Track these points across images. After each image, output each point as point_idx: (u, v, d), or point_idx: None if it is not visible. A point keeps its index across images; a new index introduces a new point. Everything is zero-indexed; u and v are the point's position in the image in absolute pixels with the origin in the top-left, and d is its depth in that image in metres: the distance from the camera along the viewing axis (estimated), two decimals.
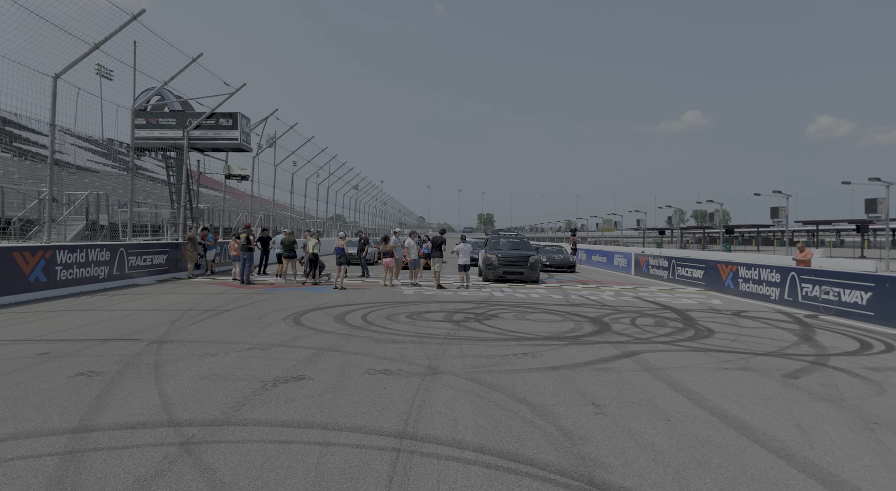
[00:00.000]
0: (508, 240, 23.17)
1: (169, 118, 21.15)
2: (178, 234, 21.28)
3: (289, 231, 19.57)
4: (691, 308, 14.26)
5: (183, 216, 21.12)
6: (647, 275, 25.48)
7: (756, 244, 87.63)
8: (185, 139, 20.92)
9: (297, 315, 11.54)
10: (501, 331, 10.22)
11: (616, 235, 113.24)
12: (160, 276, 18.81)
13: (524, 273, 20.87)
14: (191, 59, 17.77)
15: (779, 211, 41.22)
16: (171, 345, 8.26)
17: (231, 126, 21.39)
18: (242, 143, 21.82)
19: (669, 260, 23.33)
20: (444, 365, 7.39)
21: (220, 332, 9.44)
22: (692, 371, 7.36)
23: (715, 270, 19.22)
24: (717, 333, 10.54)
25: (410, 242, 18.99)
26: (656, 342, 9.42)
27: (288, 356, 7.69)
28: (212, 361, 7.26)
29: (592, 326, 11.05)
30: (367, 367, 7.20)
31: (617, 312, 13.28)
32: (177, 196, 21.49)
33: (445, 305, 13.74)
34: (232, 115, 21.48)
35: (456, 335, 9.65)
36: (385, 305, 13.48)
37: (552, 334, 9.96)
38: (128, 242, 17.18)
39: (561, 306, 14.10)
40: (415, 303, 14.14)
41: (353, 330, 9.95)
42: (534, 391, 6.23)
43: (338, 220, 65.26)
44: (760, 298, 16.20)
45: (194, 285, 17.43)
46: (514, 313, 12.59)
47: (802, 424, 5.37)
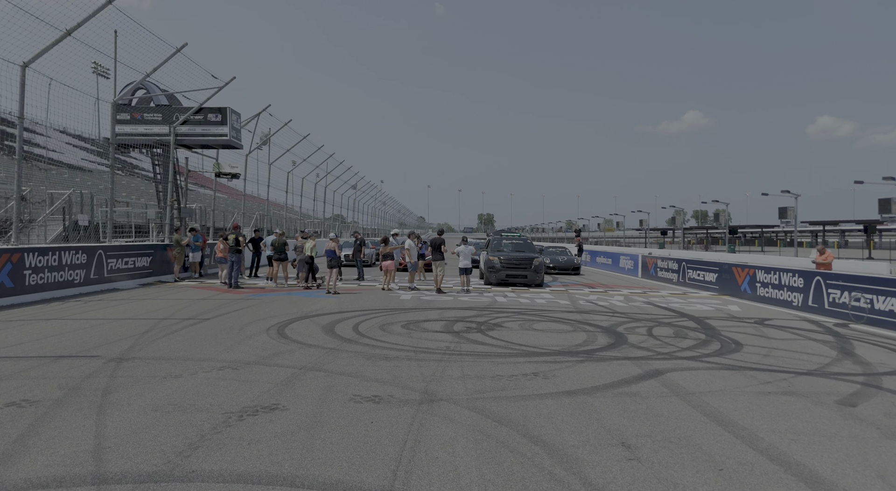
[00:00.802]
0: (511, 241, 22.16)
1: (155, 113, 20.13)
2: (164, 235, 20.26)
3: (279, 232, 18.56)
4: (709, 315, 13.25)
5: (170, 216, 20.10)
6: (656, 277, 24.47)
7: (759, 245, 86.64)
8: (171, 135, 19.91)
9: (283, 325, 10.52)
10: (507, 344, 9.20)
11: (617, 235, 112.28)
12: (144, 279, 17.80)
13: (528, 276, 19.85)
14: (174, 50, 16.75)
15: (787, 211, 40.20)
16: (132, 363, 7.24)
17: (220, 122, 20.37)
18: (232, 139, 20.80)
19: (679, 262, 22.31)
20: (443, 389, 6.37)
21: (192, 346, 8.42)
22: (730, 396, 6.34)
23: (730, 274, 18.20)
24: (746, 345, 9.52)
25: (410, 244, 18.00)
26: (680, 358, 8.41)
27: (263, 378, 6.68)
28: (173, 386, 6.24)
29: (606, 337, 10.03)
30: (354, 392, 6.18)
31: (630, 320, 12.27)
32: (163, 195, 20.46)
33: (445, 313, 12.72)
34: (221, 109, 20.45)
35: (456, 350, 8.63)
36: (380, 313, 12.47)
37: (563, 348, 8.94)
38: (107, 244, 16.16)
39: (569, 314, 13.08)
40: (412, 310, 13.13)
41: (341, 343, 8.93)
42: (550, 426, 5.22)
43: (338, 220, 64.25)
44: (781, 304, 15.18)
45: (178, 290, 16.41)
46: (520, 322, 11.57)
47: (886, 474, 4.35)
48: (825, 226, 61.31)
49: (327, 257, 16.61)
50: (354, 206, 65.37)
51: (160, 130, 20.03)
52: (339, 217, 67.19)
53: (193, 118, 20.27)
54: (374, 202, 78.22)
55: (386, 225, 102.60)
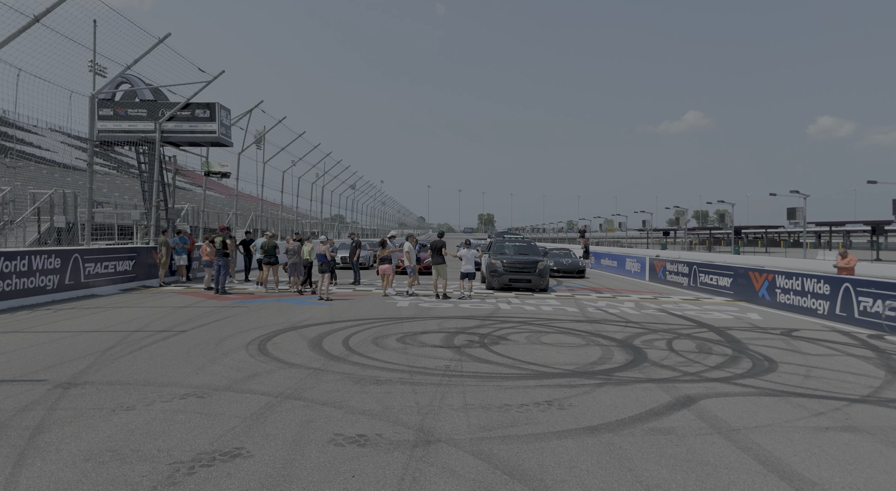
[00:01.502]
0: (514, 244, 21.17)
1: (139, 109, 19.13)
2: (149, 238, 19.28)
3: (270, 234, 17.56)
4: (730, 325, 12.26)
5: (155, 217, 19.10)
6: (664, 281, 23.47)
7: (762, 245, 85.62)
8: (157, 132, 18.91)
9: (266, 339, 9.53)
10: (513, 362, 8.21)
11: (618, 235, 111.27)
12: (126, 284, 16.81)
13: (532, 281, 18.87)
14: (157, 40, 15.75)
15: (796, 211, 39.23)
16: (81, 391, 6.25)
17: (208, 118, 19.37)
18: (221, 136, 19.79)
19: (690, 266, 21.31)
20: (442, 425, 5.38)
21: (158, 366, 7.43)
22: (783, 434, 5.35)
23: (746, 279, 17.20)
24: (780, 363, 8.53)
25: (408, 247, 17.00)
26: (711, 379, 7.42)
27: (231, 410, 5.69)
28: (120, 422, 5.25)
29: (624, 352, 9.04)
30: (336, 430, 5.19)
31: (646, 330, 11.27)
32: (149, 195, 19.45)
33: (445, 323, 11.73)
34: (209, 105, 19.45)
35: (457, 369, 7.65)
36: (374, 323, 11.48)
37: (578, 367, 7.95)
38: (84, 247, 15.17)
39: (579, 323, 12.09)
40: (409, 319, 12.14)
41: (328, 362, 7.94)
42: (573, 481, 4.23)
43: (337, 220, 63.23)
44: (805, 312, 14.18)
45: (161, 296, 15.42)
46: (527, 334, 10.58)
47: None
48: (832, 227, 60.27)
49: (318, 261, 15.62)
50: (353, 207, 64.39)
51: (145, 127, 19.02)
52: (340, 217, 66.20)
53: (180, 114, 19.27)
54: (374, 202, 77.25)
55: (385, 225, 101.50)
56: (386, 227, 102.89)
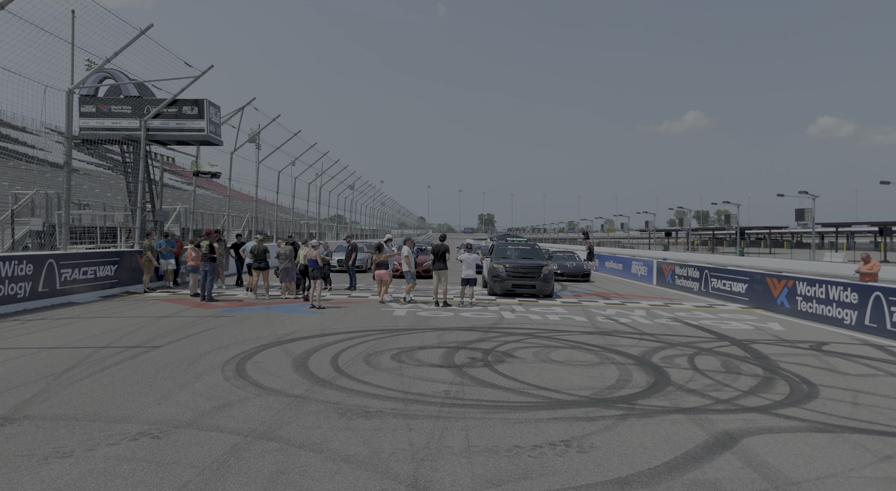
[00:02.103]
0: (517, 247, 20.25)
1: (124, 105, 18.20)
2: (133, 241, 18.35)
3: (260, 237, 16.64)
4: (753, 338, 11.34)
5: (140, 219, 18.17)
6: (673, 286, 22.55)
7: (766, 246, 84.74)
8: (142, 130, 17.97)
9: (246, 357, 8.61)
10: (522, 386, 7.29)
11: (619, 236, 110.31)
12: (108, 290, 15.89)
13: (536, 286, 17.95)
14: (138, 31, 14.82)
15: (805, 213, 38.31)
16: (17, 428, 5.33)
17: (196, 115, 18.43)
18: (210, 135, 18.85)
19: (701, 270, 20.39)
20: (441, 477, 4.46)
21: (116, 394, 6.51)
22: (854, 490, 4.43)
23: (763, 285, 16.28)
24: (819, 386, 7.61)
25: (406, 251, 16.07)
26: (748, 409, 6.50)
27: (189, 455, 4.77)
28: (49, 476, 4.33)
29: (643, 372, 8.13)
30: (309, 486, 4.27)
31: (663, 344, 10.36)
32: (134, 196, 18.53)
33: (445, 335, 10.81)
34: (197, 102, 18.50)
35: (459, 396, 6.72)
36: (368, 336, 10.56)
37: (594, 393, 7.03)
38: (60, 252, 14.24)
39: (590, 335, 11.17)
40: (406, 331, 11.22)
41: (312, 387, 7.02)
42: None
43: (336, 221, 62.30)
44: (830, 323, 13.27)
45: (143, 303, 14.50)
46: (534, 349, 9.66)
47: None
48: (838, 228, 59.37)
49: (310, 267, 14.70)
50: (352, 207, 63.50)
51: (130, 124, 18.08)
52: (339, 217, 65.27)
53: (167, 111, 18.33)
54: (373, 203, 76.31)
55: (385, 226, 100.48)
56: (386, 227, 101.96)
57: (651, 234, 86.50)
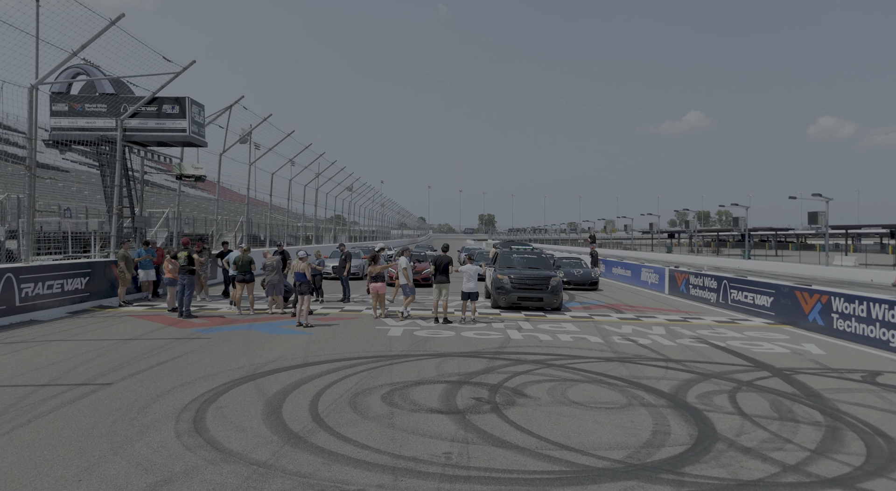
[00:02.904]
0: (523, 255, 18.92)
1: (98, 103, 16.86)
2: (108, 249, 17.03)
3: (244, 247, 15.32)
4: (794, 366, 10.01)
5: (116, 226, 16.83)
6: (687, 296, 21.20)
7: (771, 248, 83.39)
8: (118, 130, 16.64)
9: (210, 398, 7.28)
10: (539, 443, 5.96)
11: (621, 237, 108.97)
12: (78, 305, 14.58)
13: (544, 299, 16.63)
14: (108, 22, 13.48)
15: (818, 216, 36.99)
16: None
17: (178, 114, 17.08)
18: (193, 136, 17.50)
19: (720, 281, 19.04)
20: None
21: (29, 464, 5.17)
22: None
23: (791, 299, 14.94)
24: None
25: (404, 262, 14.74)
26: (826, 482, 5.18)
27: None
28: None
29: (681, 420, 6.80)
30: None
31: (695, 375, 9.03)
32: (109, 202, 17.20)
33: (445, 364, 9.49)
34: (179, 100, 17.16)
35: (463, 464, 5.40)
36: (357, 365, 9.24)
37: (628, 454, 5.70)
38: (20, 265, 12.91)
39: (609, 363, 9.85)
40: (401, 358, 9.89)
41: (281, 447, 5.70)
42: None
43: (336, 222, 60.95)
44: (873, 344, 11.94)
45: (113, 321, 13.18)
46: (549, 384, 8.34)
47: None
48: (848, 230, 58.02)
49: (296, 281, 13.38)
50: (350, 210, 62.20)
51: (105, 124, 16.75)
52: (339, 218, 63.92)
53: (146, 110, 16.99)
54: (372, 204, 74.92)
55: (385, 227, 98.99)
56: (385, 228, 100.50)
57: (653, 236, 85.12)
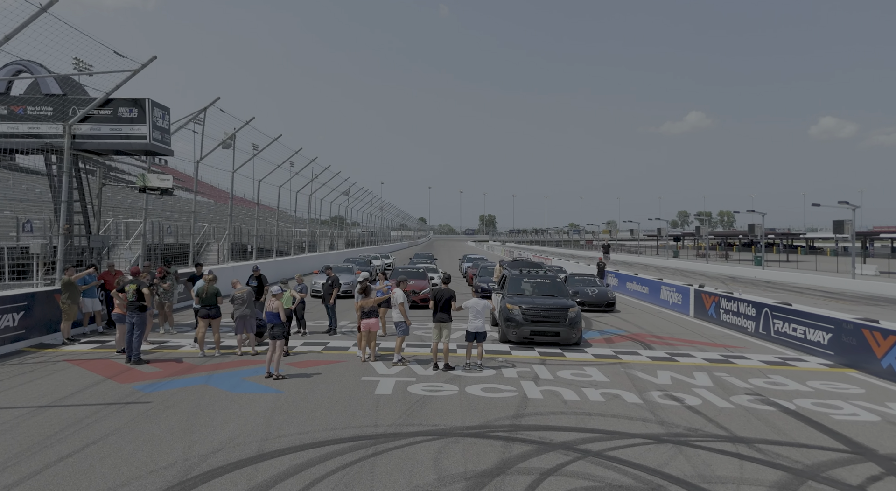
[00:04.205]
0: (535, 280, 16.51)
1: (43, 106, 14.51)
2: (55, 275, 14.69)
3: (210, 276, 12.95)
4: None
5: (63, 249, 14.47)
6: (718, 321, 18.84)
7: (778, 251, 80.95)
8: (66, 137, 14.28)
9: None
10: None
11: (624, 238, 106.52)
12: (11, 346, 12.27)
13: (561, 334, 14.29)
14: (38, 8, 11.12)
15: (843, 225, 34.60)
16: None
17: (136, 118, 14.72)
18: (155, 143, 15.13)
19: (759, 307, 16.66)
20: None
21: None
22: None
23: (857, 337, 12.59)
24: None
25: (401, 296, 12.34)
26: None
27: None
28: None
29: None
30: None
31: (784, 476, 6.70)
32: (57, 217, 14.85)
33: (445, 454, 7.16)
34: (138, 102, 14.80)
35: None
36: (328, 459, 6.90)
37: None
38: None
39: (660, 447, 7.50)
40: (389, 440, 7.55)
41: None
42: None
43: (334, 224, 58.57)
44: None
45: (43, 371, 10.84)
46: None
47: None
48: (867, 237, 55.55)
49: (269, 322, 11.03)
50: (348, 215, 59.85)
51: (51, 130, 14.41)
52: (339, 219, 61.56)
53: (99, 114, 14.64)
54: (371, 208, 72.51)
55: (385, 227, 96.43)
56: (386, 230, 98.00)
57: (661, 240, 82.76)
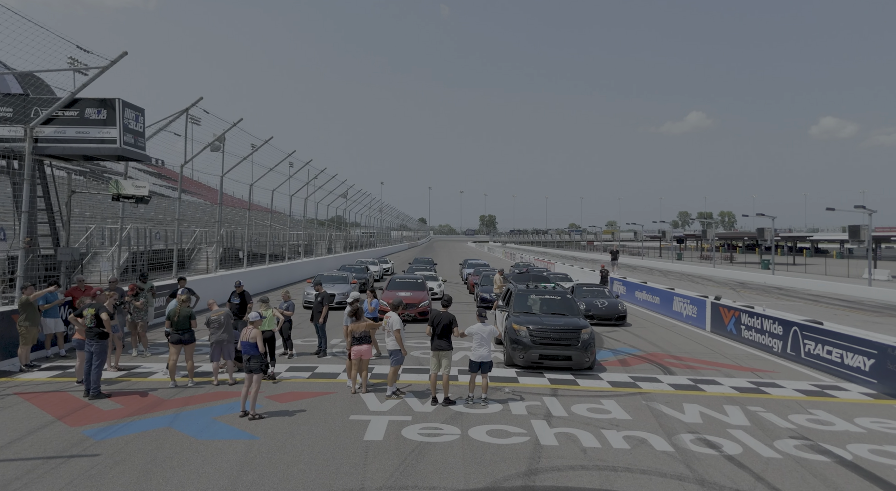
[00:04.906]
0: (543, 297, 15.11)
1: (3, 106, 13.19)
2: (13, 293, 13.36)
3: (183, 296, 11.62)
4: None
5: (24, 264, 13.13)
6: (739, 338, 17.50)
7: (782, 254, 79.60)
8: (27, 140, 12.96)
9: None
10: None
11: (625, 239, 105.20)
12: None
13: (573, 358, 12.98)
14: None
15: (860, 230, 33.27)
16: None
17: (104, 120, 13.38)
18: (127, 148, 13.78)
19: (787, 326, 15.31)
20: None
21: None
22: None
23: None
24: None
25: (397, 322, 10.96)
26: None
27: None
28: None
29: None
30: None
31: None
32: (20, 229, 13.51)
33: None
34: (106, 102, 13.45)
35: None
36: None
37: None
38: None
39: None
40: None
41: None
42: None
43: (333, 225, 57.27)
44: None
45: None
46: None
47: None
48: (879, 243, 54.11)
49: (244, 354, 9.69)
50: (347, 215, 58.54)
51: (10, 133, 13.10)
52: (339, 219, 60.28)
53: (64, 115, 13.31)
54: (370, 211, 71.16)
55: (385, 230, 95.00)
56: (385, 231, 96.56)
57: (664, 242, 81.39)
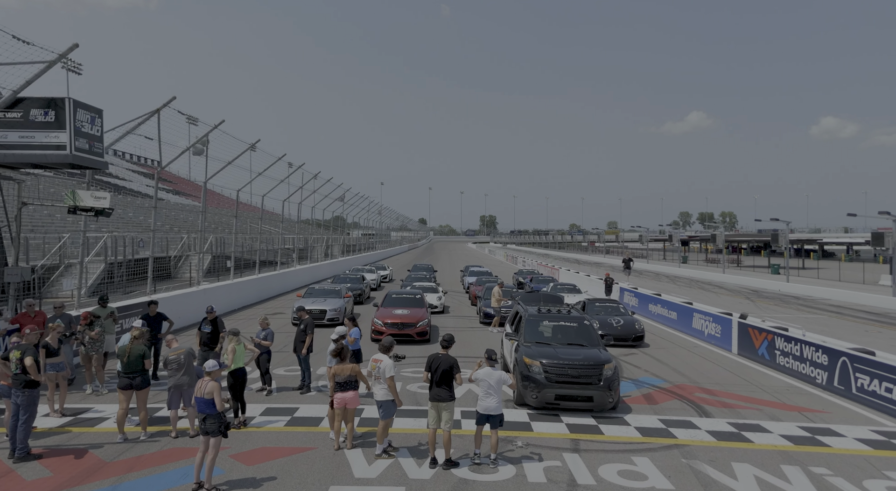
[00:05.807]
0: (557, 323, 13.20)
1: None
2: None
3: (136, 332, 9.78)
4: None
5: None
6: (773, 365, 15.68)
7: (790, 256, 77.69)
8: None
9: None
10: None
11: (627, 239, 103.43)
12: None
13: (595, 399, 11.20)
14: None
15: (883, 237, 31.49)
16: None
17: (52, 123, 11.55)
18: (80, 154, 11.92)
19: (834, 355, 13.44)
20: None
21: None
22: None
23: None
24: None
25: (388, 368, 9.12)
26: None
27: None
28: None
29: None
30: None
31: None
32: None
33: None
34: (54, 102, 11.61)
35: None
36: None
37: None
38: None
39: None
40: None
41: None
42: None
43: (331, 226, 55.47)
44: None
45: None
46: None
47: None
48: None
49: (199, 412, 7.88)
50: (347, 216, 56.73)
51: None
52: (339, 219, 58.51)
53: (5, 117, 11.52)
54: (368, 214, 69.32)
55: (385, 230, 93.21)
56: (385, 232, 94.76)
57: (669, 246, 79.73)
